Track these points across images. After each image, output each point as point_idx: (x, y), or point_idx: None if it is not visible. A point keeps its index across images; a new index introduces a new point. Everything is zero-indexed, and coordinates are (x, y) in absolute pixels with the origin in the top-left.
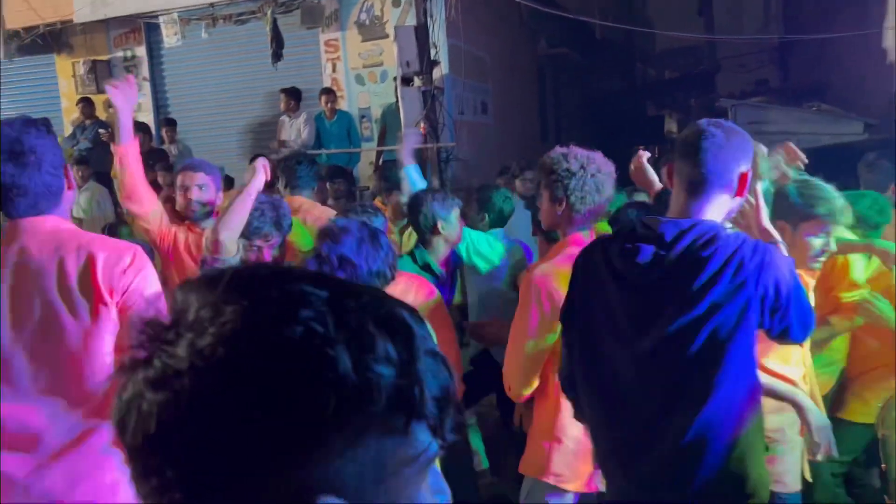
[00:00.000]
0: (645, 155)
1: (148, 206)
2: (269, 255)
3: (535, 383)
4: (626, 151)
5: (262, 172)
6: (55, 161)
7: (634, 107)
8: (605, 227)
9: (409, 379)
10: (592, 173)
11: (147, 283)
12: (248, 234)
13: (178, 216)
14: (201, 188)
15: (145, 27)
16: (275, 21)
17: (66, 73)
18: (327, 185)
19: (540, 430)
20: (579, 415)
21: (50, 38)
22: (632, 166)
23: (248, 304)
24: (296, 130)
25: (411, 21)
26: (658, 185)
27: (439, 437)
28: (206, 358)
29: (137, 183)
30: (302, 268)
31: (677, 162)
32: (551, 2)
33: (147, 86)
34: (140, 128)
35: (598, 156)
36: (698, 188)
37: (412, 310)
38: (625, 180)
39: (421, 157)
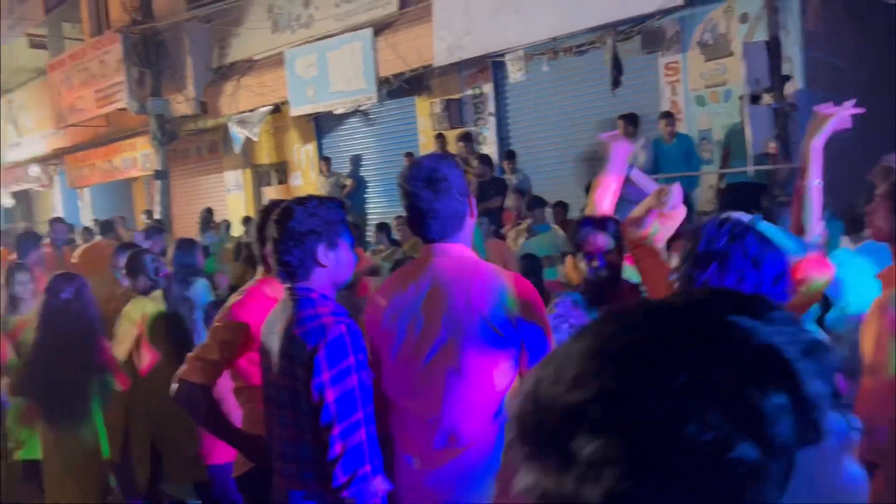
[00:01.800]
0: None
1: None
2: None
3: None
4: None
5: None
6: (462, 189)
7: None
8: None
9: (807, 408)
10: None
11: (545, 322)
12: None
13: None
14: None
15: (492, 65)
16: (615, 48)
17: (424, 112)
18: None
19: None
20: None
21: (413, 82)
22: None
23: (637, 448)
24: (632, 155)
25: (760, 36)
26: None
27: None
28: (618, 499)
29: (599, 204)
30: (632, 335)
31: None
32: None
33: (492, 120)
34: (483, 160)
35: None
36: None
37: (760, 309)
38: None
39: (772, 179)
